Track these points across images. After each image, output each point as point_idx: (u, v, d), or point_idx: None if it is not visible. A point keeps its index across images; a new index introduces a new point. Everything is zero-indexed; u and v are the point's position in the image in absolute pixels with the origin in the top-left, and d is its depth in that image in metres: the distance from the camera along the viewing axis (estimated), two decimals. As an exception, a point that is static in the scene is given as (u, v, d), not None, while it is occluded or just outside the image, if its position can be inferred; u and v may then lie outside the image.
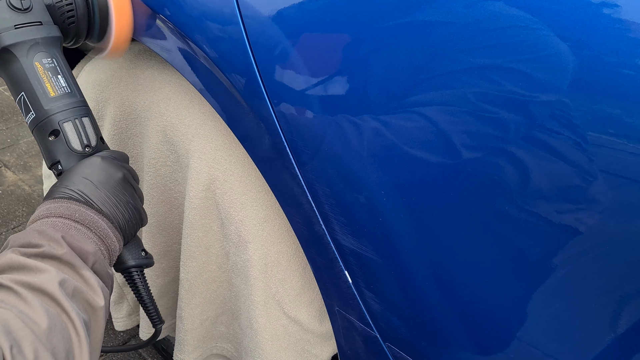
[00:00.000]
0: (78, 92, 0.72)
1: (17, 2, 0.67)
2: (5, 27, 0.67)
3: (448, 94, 0.53)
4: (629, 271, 0.49)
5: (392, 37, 0.55)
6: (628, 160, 0.45)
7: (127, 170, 0.70)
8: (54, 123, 0.68)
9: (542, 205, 0.51)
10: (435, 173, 0.56)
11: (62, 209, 0.61)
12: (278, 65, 0.64)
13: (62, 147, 0.69)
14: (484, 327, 0.60)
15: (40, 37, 0.69)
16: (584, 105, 0.46)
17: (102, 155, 0.69)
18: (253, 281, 0.84)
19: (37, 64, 0.69)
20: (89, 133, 0.71)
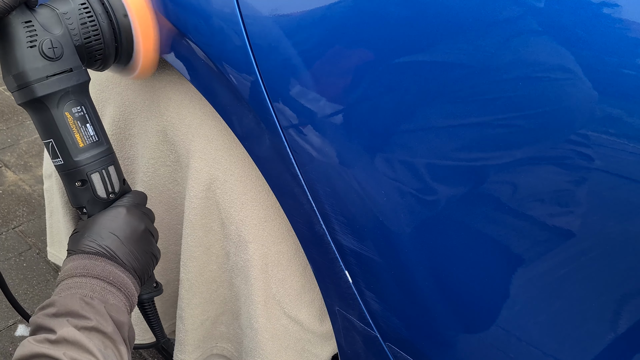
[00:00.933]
0: (105, 138, 0.74)
1: (49, 52, 0.67)
2: (38, 78, 0.67)
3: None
4: (629, 271, 0.49)
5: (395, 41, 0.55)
6: (627, 159, 0.45)
7: (147, 216, 0.75)
8: (82, 174, 0.71)
9: (542, 205, 0.51)
10: (435, 173, 0.56)
11: (97, 269, 0.65)
12: (278, 66, 0.64)
13: (88, 194, 0.72)
14: (484, 327, 0.60)
15: (70, 85, 0.69)
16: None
17: (126, 205, 0.73)
18: (253, 281, 0.83)
19: (67, 114, 0.69)
20: (113, 181, 0.74)
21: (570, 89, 0.46)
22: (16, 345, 1.39)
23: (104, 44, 0.73)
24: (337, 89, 0.60)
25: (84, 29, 0.70)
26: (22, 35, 0.66)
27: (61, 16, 0.69)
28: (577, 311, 0.53)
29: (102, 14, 0.72)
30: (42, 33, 0.67)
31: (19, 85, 0.67)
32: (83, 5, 0.71)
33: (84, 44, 0.71)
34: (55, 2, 0.71)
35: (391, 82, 0.56)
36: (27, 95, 0.67)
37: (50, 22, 0.68)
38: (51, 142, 0.70)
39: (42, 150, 2.07)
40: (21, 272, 1.60)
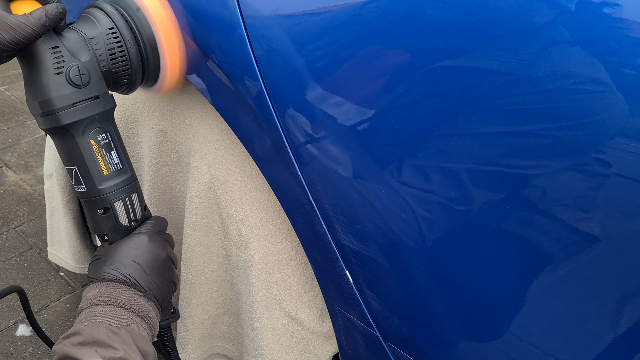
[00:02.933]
0: (129, 166, 0.73)
1: (76, 79, 0.65)
2: (64, 106, 0.65)
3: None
4: (629, 271, 0.49)
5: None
6: (628, 159, 0.45)
7: (168, 242, 0.75)
8: (105, 202, 0.70)
9: (542, 205, 0.51)
10: (435, 172, 0.56)
11: (122, 297, 0.65)
12: (279, 66, 0.64)
13: (110, 222, 0.71)
14: (485, 327, 0.60)
15: (96, 113, 0.67)
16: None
17: (148, 232, 0.72)
18: (254, 281, 0.84)
19: (92, 141, 0.68)
20: (136, 209, 0.73)
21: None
22: (17, 345, 1.39)
23: (131, 70, 0.71)
24: (341, 92, 0.60)
25: (111, 55, 0.69)
26: (49, 62, 0.64)
27: (88, 41, 0.67)
28: (578, 311, 0.53)
29: (131, 40, 0.70)
30: (69, 59, 0.65)
31: (44, 112, 0.65)
32: (111, 30, 0.69)
33: (111, 69, 0.69)
34: (82, 26, 0.69)
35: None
36: (52, 123, 0.66)
37: (78, 48, 0.66)
38: (75, 169, 0.69)
39: (42, 150, 2.07)
40: (22, 272, 1.60)
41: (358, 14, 0.57)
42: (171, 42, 0.71)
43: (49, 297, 1.53)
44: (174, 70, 0.72)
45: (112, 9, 0.70)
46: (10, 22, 0.59)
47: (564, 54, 0.46)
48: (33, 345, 1.40)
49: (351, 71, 0.59)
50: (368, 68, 0.57)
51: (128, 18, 0.70)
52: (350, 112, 0.60)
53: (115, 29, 0.69)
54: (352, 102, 0.59)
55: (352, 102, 0.59)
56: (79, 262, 1.32)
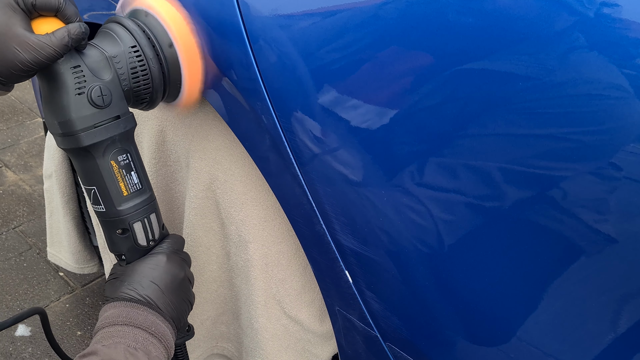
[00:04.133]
0: (148, 185, 0.72)
1: (98, 100, 0.63)
2: (85, 127, 0.63)
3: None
4: (629, 271, 0.49)
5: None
6: (629, 160, 0.45)
7: (186, 262, 0.74)
8: (124, 223, 0.69)
9: (542, 205, 0.51)
10: (435, 172, 0.56)
11: (140, 318, 0.65)
12: (279, 66, 0.64)
13: (128, 243, 0.70)
14: (485, 327, 0.60)
15: (117, 133, 0.66)
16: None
17: (166, 252, 0.72)
18: (253, 281, 0.84)
19: (112, 162, 0.67)
20: (154, 229, 0.72)
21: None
22: (16, 345, 1.39)
23: (153, 88, 0.69)
24: (342, 93, 0.60)
25: (133, 74, 0.67)
26: (71, 82, 0.62)
27: (110, 60, 0.65)
28: (578, 311, 0.53)
29: (153, 59, 0.68)
30: (90, 79, 0.63)
31: (64, 132, 0.64)
32: (134, 49, 0.67)
33: (132, 88, 0.67)
34: (103, 43, 0.66)
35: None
36: (72, 144, 0.64)
37: (99, 67, 0.64)
38: (94, 189, 0.68)
39: (42, 150, 2.07)
40: (21, 272, 1.60)
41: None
42: (192, 59, 0.69)
43: (48, 297, 1.53)
44: (195, 88, 0.71)
45: (134, 26, 0.68)
46: (32, 42, 0.58)
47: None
48: (32, 345, 1.40)
49: (352, 73, 0.59)
50: (369, 70, 0.57)
51: (150, 35, 0.68)
52: (350, 113, 0.60)
53: (137, 47, 0.67)
54: (352, 103, 0.59)
55: (352, 103, 0.59)
56: (78, 262, 1.32)
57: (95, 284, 1.58)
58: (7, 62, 0.58)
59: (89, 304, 1.52)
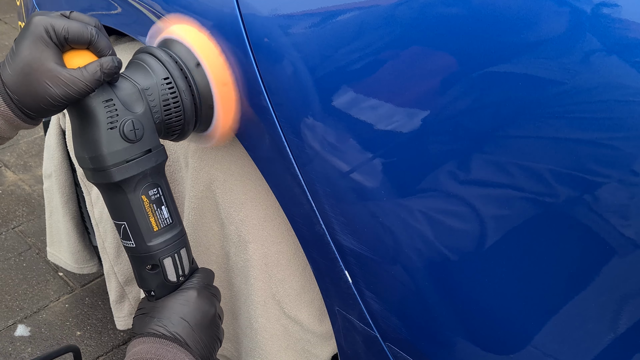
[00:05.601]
0: (178, 219, 0.70)
1: (130, 134, 0.61)
2: (116, 162, 0.61)
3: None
4: (629, 271, 0.49)
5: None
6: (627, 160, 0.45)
7: (216, 297, 0.73)
8: (154, 259, 0.68)
9: (541, 205, 0.51)
10: (435, 172, 0.56)
11: (169, 355, 0.63)
12: (279, 66, 0.64)
13: (158, 279, 0.69)
14: (484, 327, 0.60)
15: (149, 167, 0.64)
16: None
17: (197, 287, 0.70)
18: (253, 281, 0.83)
19: (143, 197, 0.65)
20: (184, 264, 0.71)
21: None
22: (16, 345, 1.39)
23: (184, 120, 0.67)
24: (338, 89, 0.60)
25: (165, 106, 0.65)
26: (103, 116, 0.60)
27: (142, 92, 0.63)
28: (578, 311, 0.53)
29: (186, 91, 0.66)
30: (123, 112, 0.61)
31: (95, 167, 0.62)
32: (166, 81, 0.65)
33: (163, 120, 0.65)
34: (135, 74, 0.65)
35: (392, 82, 0.56)
36: (103, 179, 0.63)
37: (132, 100, 0.63)
38: (124, 224, 0.66)
39: (41, 150, 2.07)
40: (21, 272, 1.60)
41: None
42: (226, 92, 0.67)
43: (47, 297, 1.53)
44: (227, 121, 0.69)
45: (166, 57, 0.66)
46: (64, 77, 0.57)
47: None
48: (32, 345, 1.40)
49: (353, 73, 0.59)
50: (370, 71, 0.57)
51: (183, 67, 0.66)
52: (350, 113, 0.60)
53: (170, 78, 0.65)
54: (352, 103, 0.59)
55: (352, 103, 0.59)
56: (77, 262, 1.32)
57: (94, 284, 1.58)
58: (37, 96, 0.57)
59: (89, 304, 1.52)
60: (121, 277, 1.13)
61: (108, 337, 1.43)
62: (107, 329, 1.45)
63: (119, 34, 1.04)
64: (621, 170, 0.46)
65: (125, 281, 1.13)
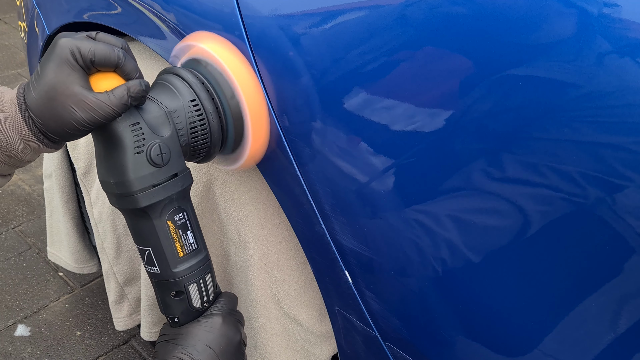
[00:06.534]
0: (203, 244, 0.69)
1: (157, 158, 0.60)
2: (143, 187, 0.60)
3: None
4: (629, 271, 0.49)
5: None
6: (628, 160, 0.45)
7: (240, 323, 0.71)
8: (179, 285, 0.66)
9: (541, 206, 0.51)
10: (435, 171, 0.56)
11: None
12: (278, 66, 0.64)
13: (182, 305, 0.67)
14: (484, 327, 0.60)
15: (175, 192, 0.63)
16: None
17: (222, 313, 0.69)
18: (253, 281, 0.84)
19: (169, 222, 0.64)
20: (209, 290, 0.69)
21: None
22: (16, 345, 1.39)
23: (211, 143, 0.65)
24: (338, 90, 0.60)
25: (192, 129, 0.63)
26: (129, 140, 0.59)
27: (169, 115, 0.62)
28: (578, 311, 0.53)
29: (213, 113, 0.64)
30: (149, 136, 0.60)
31: (121, 193, 0.61)
32: (193, 103, 0.63)
33: (190, 143, 0.64)
34: (161, 96, 0.63)
35: (391, 82, 0.56)
36: (129, 204, 0.62)
37: (158, 123, 0.61)
38: (148, 250, 0.65)
39: (41, 150, 2.07)
40: (21, 272, 1.60)
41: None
42: (258, 116, 0.65)
43: (47, 297, 1.53)
44: (259, 143, 0.67)
45: (193, 78, 0.64)
46: (90, 101, 0.55)
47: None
48: (32, 345, 1.40)
49: (353, 74, 0.59)
50: (371, 72, 0.57)
51: (210, 88, 0.64)
52: (350, 113, 0.60)
53: (197, 100, 0.64)
54: (353, 103, 0.59)
55: (353, 103, 0.59)
56: (77, 262, 1.32)
57: (94, 284, 1.58)
58: (62, 121, 0.55)
59: (89, 303, 1.52)
60: (120, 278, 1.12)
61: (108, 337, 1.43)
62: (107, 329, 1.45)
63: (119, 34, 1.04)
64: (624, 171, 0.46)
65: (125, 281, 1.13)
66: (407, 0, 0.54)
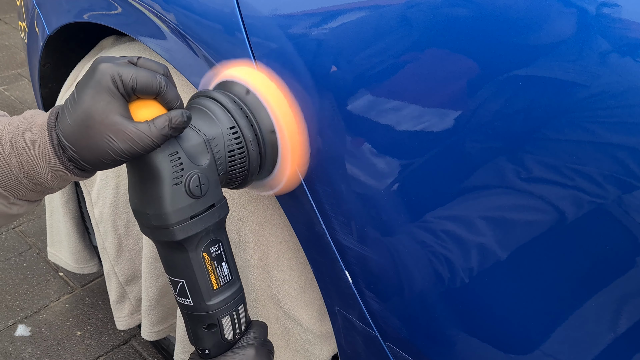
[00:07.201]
0: (236, 275, 0.66)
1: (196, 190, 0.57)
2: (180, 220, 0.57)
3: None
4: (629, 271, 0.49)
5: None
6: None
7: (272, 352, 0.70)
8: (212, 318, 0.64)
9: (543, 205, 0.51)
10: (435, 172, 0.56)
11: None
12: (278, 65, 0.64)
13: (215, 338, 0.65)
14: (484, 327, 0.60)
15: (212, 223, 0.60)
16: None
17: (255, 345, 0.67)
18: (253, 281, 0.84)
19: (205, 254, 0.61)
20: (242, 322, 0.67)
21: None
22: (16, 345, 1.39)
23: (248, 171, 0.63)
24: (343, 92, 0.60)
25: (230, 157, 0.61)
26: (167, 171, 0.56)
27: (208, 143, 0.59)
28: (578, 311, 0.53)
29: (252, 141, 0.62)
30: (188, 166, 0.57)
31: (157, 225, 0.58)
32: (232, 130, 0.61)
33: (227, 171, 0.61)
34: (198, 123, 0.60)
35: (391, 80, 0.56)
36: (165, 237, 0.59)
37: (197, 152, 0.58)
38: (182, 282, 0.62)
39: (42, 150, 2.07)
40: (21, 272, 1.60)
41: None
42: (294, 141, 0.63)
43: (48, 297, 1.53)
44: (294, 170, 0.66)
45: (232, 104, 0.62)
46: (130, 131, 0.52)
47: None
48: (32, 345, 1.40)
49: (354, 74, 0.59)
50: (371, 72, 0.57)
51: (249, 114, 0.62)
52: (350, 113, 0.60)
53: (236, 128, 0.61)
54: (353, 103, 0.59)
55: (353, 103, 0.59)
56: (78, 262, 1.32)
57: (95, 284, 1.58)
58: (98, 150, 0.52)
59: (89, 304, 1.52)
60: (122, 277, 1.13)
61: (108, 337, 1.43)
62: (108, 328, 1.45)
63: (119, 34, 1.04)
64: (626, 171, 0.46)
65: (126, 281, 1.13)
66: (409, 1, 0.54)
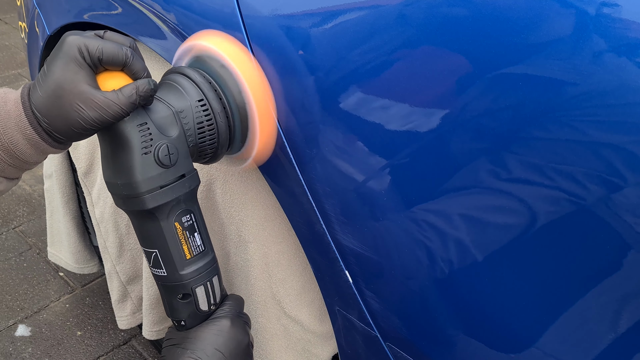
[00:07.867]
0: (210, 246, 0.68)
1: (165, 159, 0.59)
2: (150, 189, 0.59)
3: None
4: (629, 271, 0.49)
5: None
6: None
7: (248, 325, 0.71)
8: (186, 288, 0.65)
9: (542, 204, 0.51)
10: (434, 171, 0.57)
11: None
12: (278, 65, 0.64)
13: (189, 308, 0.67)
14: (485, 327, 0.60)
15: (182, 193, 0.62)
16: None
17: (230, 316, 0.68)
18: (253, 281, 0.84)
19: (176, 224, 0.63)
20: (216, 292, 0.68)
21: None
22: (16, 345, 1.39)
23: (218, 143, 0.65)
24: (343, 92, 0.60)
25: (199, 129, 0.63)
26: (137, 140, 0.58)
27: (177, 115, 0.61)
28: (579, 311, 0.53)
29: (221, 113, 0.63)
30: (157, 137, 0.59)
31: (128, 194, 0.60)
32: (200, 103, 0.62)
33: (197, 144, 0.63)
34: (168, 96, 0.62)
35: (390, 80, 0.56)
36: (136, 206, 0.61)
37: (166, 123, 0.60)
38: (155, 252, 0.64)
39: (42, 150, 2.07)
40: (21, 272, 1.60)
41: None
42: (265, 114, 0.64)
43: (48, 297, 1.53)
44: (266, 142, 0.66)
45: (200, 78, 0.63)
46: (98, 100, 0.54)
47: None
48: (32, 345, 1.40)
49: (354, 74, 0.59)
50: (371, 72, 0.57)
51: (217, 88, 0.64)
52: (351, 113, 0.60)
53: (205, 100, 0.63)
54: (353, 103, 0.59)
55: (353, 103, 0.59)
56: (78, 262, 1.32)
57: (95, 284, 1.58)
58: (69, 120, 0.54)
59: (89, 304, 1.52)
60: (123, 277, 1.13)
61: (109, 337, 1.43)
62: (108, 328, 1.45)
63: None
64: (623, 170, 0.46)
65: (128, 280, 1.13)
66: (406, 0, 0.54)
